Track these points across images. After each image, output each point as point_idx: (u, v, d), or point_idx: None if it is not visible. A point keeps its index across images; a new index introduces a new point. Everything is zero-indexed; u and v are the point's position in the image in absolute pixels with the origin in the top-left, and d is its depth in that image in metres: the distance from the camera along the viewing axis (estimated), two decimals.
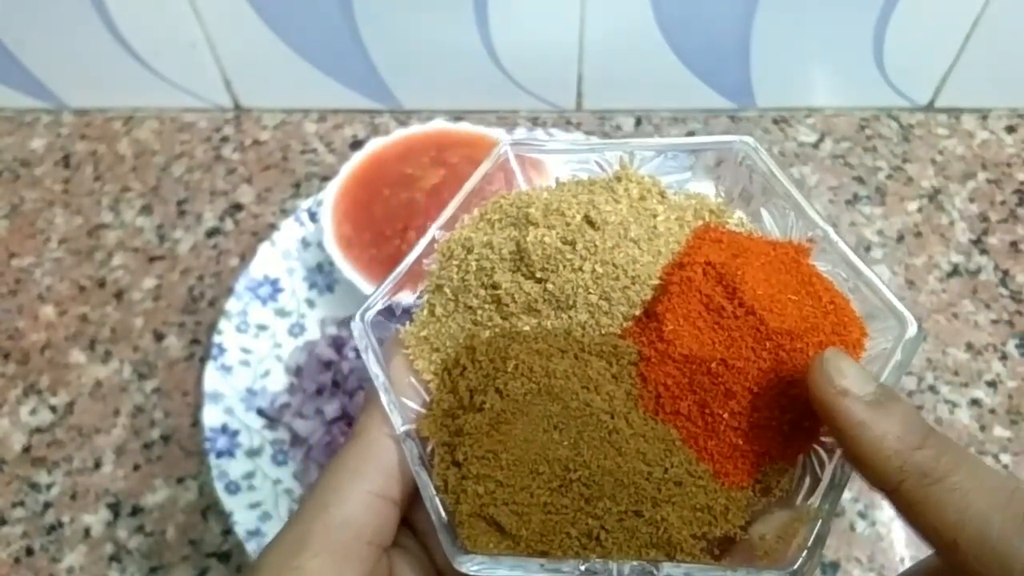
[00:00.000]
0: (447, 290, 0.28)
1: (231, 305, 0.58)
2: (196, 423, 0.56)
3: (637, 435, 0.25)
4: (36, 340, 0.61)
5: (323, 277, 0.60)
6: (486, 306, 0.27)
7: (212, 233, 0.66)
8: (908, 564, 0.51)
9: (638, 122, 0.70)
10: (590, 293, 0.26)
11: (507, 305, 0.27)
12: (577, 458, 0.25)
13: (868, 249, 0.63)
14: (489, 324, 0.27)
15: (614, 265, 0.26)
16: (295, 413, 0.54)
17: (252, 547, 0.49)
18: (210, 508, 0.54)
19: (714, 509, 0.25)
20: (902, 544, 0.52)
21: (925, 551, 0.53)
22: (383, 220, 0.57)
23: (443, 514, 0.25)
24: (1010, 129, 0.69)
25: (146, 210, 0.67)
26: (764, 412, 0.25)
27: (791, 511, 0.25)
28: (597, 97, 0.70)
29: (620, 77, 0.68)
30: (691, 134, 0.69)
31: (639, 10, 0.62)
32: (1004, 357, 0.58)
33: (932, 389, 0.57)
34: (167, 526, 0.54)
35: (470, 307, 0.28)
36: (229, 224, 0.66)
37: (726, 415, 0.25)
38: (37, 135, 0.72)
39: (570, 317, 0.27)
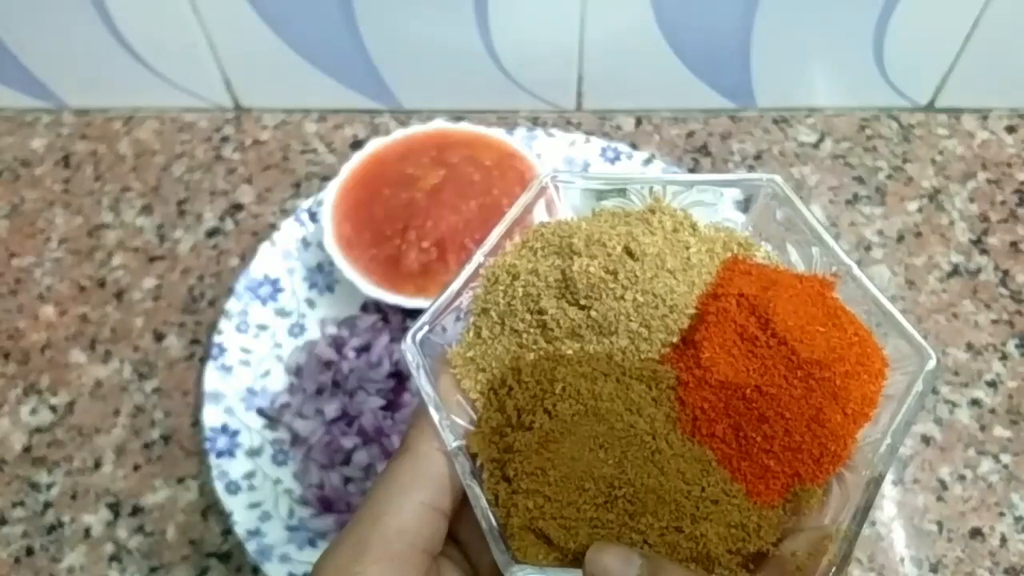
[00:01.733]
0: (493, 314, 0.30)
1: (231, 305, 0.58)
2: (196, 423, 0.56)
3: (677, 456, 0.27)
4: (36, 340, 0.61)
5: (323, 277, 0.60)
6: (531, 330, 0.29)
7: (212, 233, 0.66)
8: (908, 564, 0.51)
9: (638, 122, 0.70)
10: (631, 320, 0.28)
11: (552, 330, 0.28)
12: (621, 476, 0.26)
13: (868, 249, 0.63)
14: (534, 347, 0.29)
15: (653, 295, 0.28)
16: (295, 413, 0.54)
17: (252, 547, 0.50)
18: (210, 508, 0.54)
19: (747, 526, 0.27)
20: (902, 544, 0.52)
21: (925, 551, 0.53)
22: (383, 220, 0.57)
23: (495, 526, 0.27)
24: (1010, 129, 0.69)
25: (146, 210, 0.67)
26: (795, 436, 0.27)
27: (821, 529, 0.27)
28: (597, 97, 0.70)
29: (620, 77, 0.68)
30: (691, 134, 0.69)
31: (639, 10, 0.62)
32: (1004, 357, 0.58)
33: (932, 389, 0.57)
34: (167, 526, 0.54)
35: (516, 330, 0.29)
36: (229, 224, 0.66)
37: (759, 438, 0.27)
38: (37, 135, 0.72)
39: (611, 342, 0.28)
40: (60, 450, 0.57)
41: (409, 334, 0.29)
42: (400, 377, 0.54)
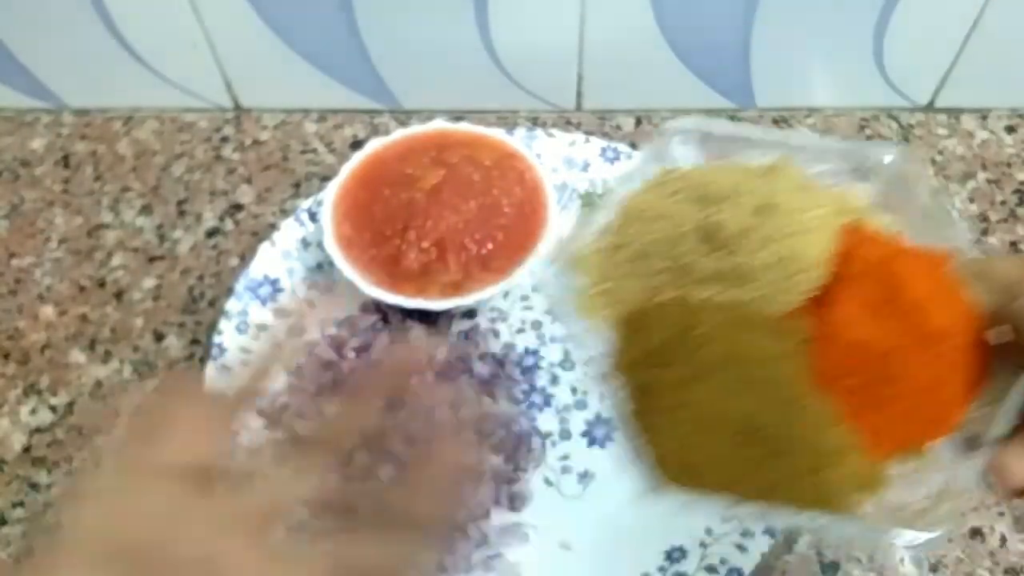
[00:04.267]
0: (629, 252, 0.30)
1: (231, 305, 0.58)
2: None
3: (808, 405, 0.28)
4: (36, 340, 0.61)
5: (323, 277, 0.60)
6: (670, 273, 0.30)
7: (212, 233, 0.66)
8: (908, 564, 0.51)
9: (638, 122, 0.70)
10: (769, 273, 0.29)
11: (690, 273, 0.29)
12: (759, 419, 0.28)
13: None
14: (669, 289, 0.30)
15: (791, 249, 0.29)
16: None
17: None
18: None
19: (866, 477, 0.28)
20: (902, 544, 0.52)
21: (924, 550, 0.52)
22: (383, 220, 0.57)
23: (640, 452, 0.28)
24: (1010, 129, 0.69)
25: (146, 210, 0.67)
26: (915, 400, 0.28)
27: (942, 485, 0.28)
28: (597, 97, 0.70)
29: (620, 77, 0.68)
30: None
31: (639, 10, 0.62)
32: None
33: None
34: None
35: (652, 271, 0.30)
36: (229, 224, 0.66)
37: (882, 398, 0.28)
38: (37, 135, 0.72)
39: (748, 292, 0.29)
40: (60, 450, 0.57)
41: (548, 274, 0.31)
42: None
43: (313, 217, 0.61)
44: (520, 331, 0.58)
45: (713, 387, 0.28)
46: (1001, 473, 0.27)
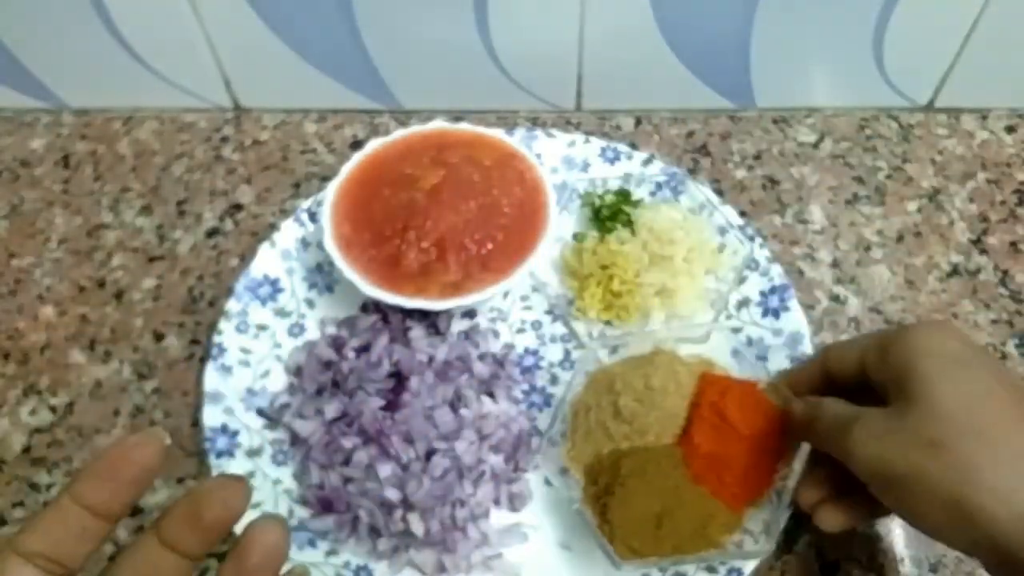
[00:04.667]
0: (581, 431, 0.51)
1: (231, 305, 0.58)
2: (196, 423, 0.56)
3: (692, 494, 0.48)
4: (36, 340, 0.61)
5: (323, 277, 0.60)
6: (603, 438, 0.50)
7: (212, 233, 0.66)
8: (908, 564, 0.51)
9: (638, 122, 0.70)
10: (655, 427, 0.49)
11: (614, 437, 0.50)
12: (666, 511, 0.47)
13: (868, 249, 0.63)
14: (606, 447, 0.50)
15: (665, 411, 0.50)
16: (295, 413, 0.54)
17: None
18: None
19: (729, 524, 0.48)
20: (902, 544, 0.52)
21: (925, 551, 0.53)
22: (383, 220, 0.57)
23: (607, 545, 0.47)
24: (1010, 129, 0.69)
25: (146, 210, 0.67)
26: (746, 477, 0.48)
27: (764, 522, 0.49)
28: (597, 97, 0.70)
29: (620, 77, 0.68)
30: (691, 134, 0.69)
31: (639, 10, 0.62)
32: (1004, 357, 0.58)
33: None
34: None
35: (595, 439, 0.50)
36: (229, 224, 0.66)
37: (728, 480, 0.48)
38: (37, 135, 0.72)
39: (646, 439, 0.49)
40: (60, 450, 0.57)
41: (541, 453, 0.52)
42: (399, 377, 0.54)
43: (313, 217, 0.61)
44: (520, 331, 0.58)
45: (640, 498, 0.47)
46: (799, 499, 0.46)
